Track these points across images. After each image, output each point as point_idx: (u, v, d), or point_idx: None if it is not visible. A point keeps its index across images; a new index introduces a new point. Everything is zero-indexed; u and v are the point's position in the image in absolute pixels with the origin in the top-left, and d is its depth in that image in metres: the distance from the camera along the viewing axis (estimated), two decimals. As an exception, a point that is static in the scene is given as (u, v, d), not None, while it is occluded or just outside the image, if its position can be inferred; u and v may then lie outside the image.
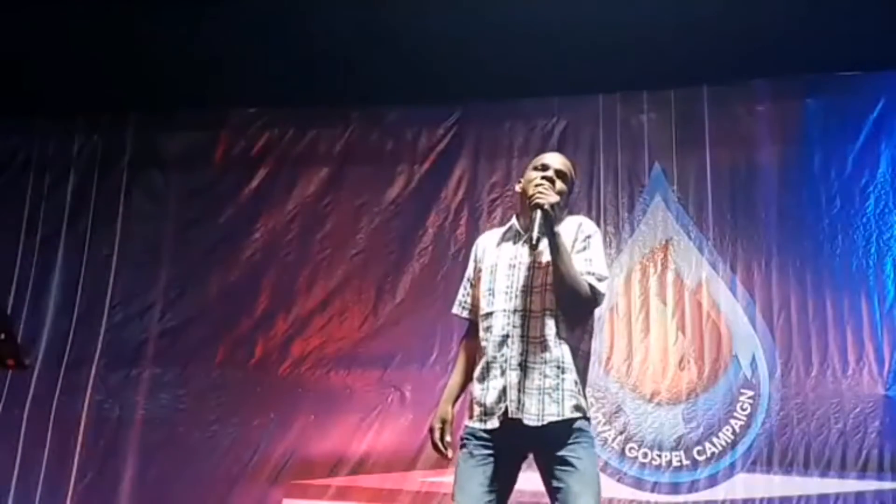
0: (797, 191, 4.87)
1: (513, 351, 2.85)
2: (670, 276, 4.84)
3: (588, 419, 2.87)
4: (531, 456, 2.92)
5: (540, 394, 2.82)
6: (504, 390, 2.84)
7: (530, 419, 2.80)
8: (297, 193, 5.28)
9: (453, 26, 4.80)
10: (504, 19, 4.77)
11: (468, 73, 4.90)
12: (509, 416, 2.82)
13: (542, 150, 5.00)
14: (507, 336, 2.87)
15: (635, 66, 4.82)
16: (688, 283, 4.82)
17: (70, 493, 4.94)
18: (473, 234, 4.90)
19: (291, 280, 5.18)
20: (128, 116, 5.43)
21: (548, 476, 2.82)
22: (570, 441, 2.80)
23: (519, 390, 2.82)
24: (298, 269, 5.19)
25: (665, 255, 4.87)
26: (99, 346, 5.14)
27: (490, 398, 2.86)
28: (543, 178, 2.95)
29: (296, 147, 5.36)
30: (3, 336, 3.50)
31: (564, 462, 2.78)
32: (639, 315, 4.81)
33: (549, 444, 2.81)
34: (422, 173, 5.19)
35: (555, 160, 3.06)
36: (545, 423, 2.80)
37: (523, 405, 2.81)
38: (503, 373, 2.85)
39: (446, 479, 4.69)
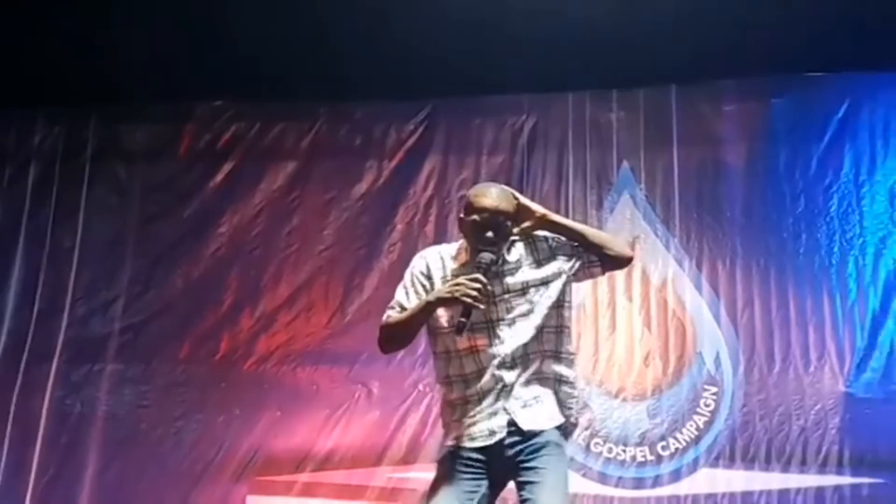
0: (762, 190, 5.17)
1: (507, 378, 3.04)
2: (637, 273, 5.11)
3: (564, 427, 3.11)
4: None
5: (538, 405, 3.06)
6: (501, 412, 3.04)
7: (536, 425, 3.02)
8: (264, 188, 5.48)
9: (423, 22, 5.04)
10: (474, 16, 5.01)
11: (438, 70, 5.14)
12: (519, 426, 3.01)
13: (513, 147, 5.30)
14: (501, 364, 3.04)
15: (605, 65, 5.08)
16: (654, 281, 5.12)
17: (30, 490, 5.14)
18: (442, 230, 5.18)
19: (258, 275, 5.39)
20: (91, 108, 5.58)
21: (520, 484, 3.04)
22: (542, 451, 3.02)
23: (522, 407, 3.04)
24: (265, 264, 5.40)
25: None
26: (60, 340, 5.33)
27: (483, 422, 3.04)
28: (481, 231, 3.08)
29: (262, 141, 5.55)
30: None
31: (533, 470, 3.00)
32: (605, 312, 5.10)
33: (524, 455, 3.03)
34: (391, 169, 5.40)
35: (487, 201, 3.09)
36: (545, 428, 3.04)
37: (528, 419, 3.03)
38: (497, 398, 3.04)
39: (412, 474, 4.99)
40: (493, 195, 3.12)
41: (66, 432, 5.25)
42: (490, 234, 3.07)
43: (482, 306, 2.98)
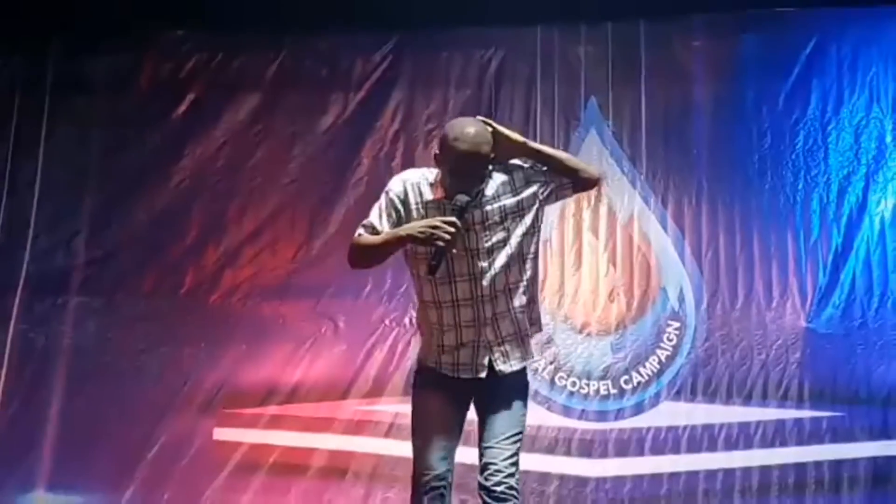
0: (730, 126, 5.20)
1: (486, 311, 3.16)
2: (603, 209, 5.16)
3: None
4: None
5: (516, 340, 3.22)
6: (482, 346, 3.18)
7: (509, 366, 3.20)
8: (227, 120, 5.42)
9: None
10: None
11: (405, 1, 5.11)
12: (495, 369, 3.18)
13: (480, 81, 5.27)
14: (479, 297, 3.15)
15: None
16: (620, 217, 5.16)
17: (-6, 424, 5.17)
18: (410, 164, 5.15)
19: (222, 208, 5.38)
20: (50, 38, 5.47)
21: (482, 411, 3.22)
22: (512, 390, 3.22)
23: (500, 343, 3.18)
24: (229, 197, 5.38)
25: (598, 189, 5.22)
26: (23, 274, 5.31)
27: (465, 358, 3.19)
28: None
29: (225, 72, 5.48)
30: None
31: (494, 404, 3.19)
32: (571, 248, 5.15)
33: (496, 387, 3.20)
34: (357, 101, 5.35)
35: (464, 146, 3.10)
36: (515, 368, 3.21)
37: (507, 354, 3.19)
38: (477, 332, 3.17)
39: (379, 407, 5.08)
40: (471, 139, 3.11)
41: (30, 365, 5.27)
42: (467, 179, 3.12)
43: (455, 251, 3.05)
